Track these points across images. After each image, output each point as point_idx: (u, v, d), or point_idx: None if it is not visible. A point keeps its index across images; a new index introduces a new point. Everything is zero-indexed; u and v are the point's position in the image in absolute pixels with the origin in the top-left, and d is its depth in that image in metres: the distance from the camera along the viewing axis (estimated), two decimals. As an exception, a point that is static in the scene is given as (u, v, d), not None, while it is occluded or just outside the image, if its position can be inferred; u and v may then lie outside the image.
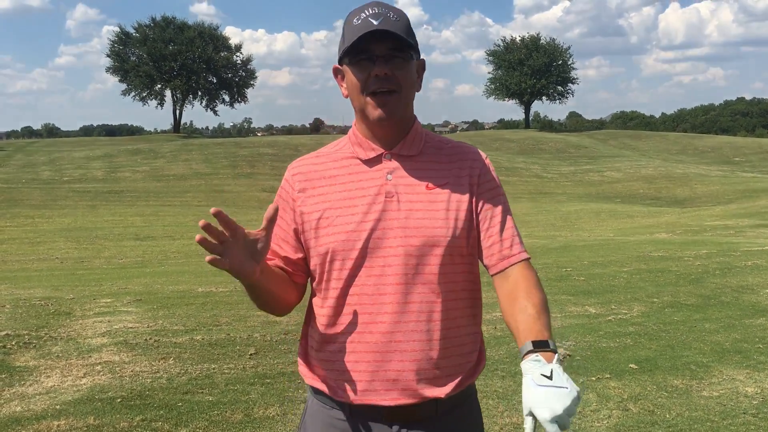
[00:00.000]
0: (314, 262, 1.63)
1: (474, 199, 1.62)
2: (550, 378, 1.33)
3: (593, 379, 4.42)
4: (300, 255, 1.66)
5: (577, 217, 22.42)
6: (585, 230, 17.84)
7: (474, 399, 1.70)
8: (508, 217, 1.66)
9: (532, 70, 67.81)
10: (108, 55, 60.74)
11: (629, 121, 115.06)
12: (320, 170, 1.66)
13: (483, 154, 1.70)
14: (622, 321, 5.91)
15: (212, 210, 1.40)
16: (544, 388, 1.31)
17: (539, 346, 1.42)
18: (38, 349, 5.12)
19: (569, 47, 70.79)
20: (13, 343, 5.21)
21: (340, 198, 1.60)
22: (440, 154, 1.65)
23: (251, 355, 5.04)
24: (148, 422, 3.78)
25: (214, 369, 4.69)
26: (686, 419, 3.80)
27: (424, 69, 1.67)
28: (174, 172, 32.88)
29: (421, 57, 1.64)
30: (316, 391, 1.66)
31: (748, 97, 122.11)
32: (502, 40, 73.23)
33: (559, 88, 70.24)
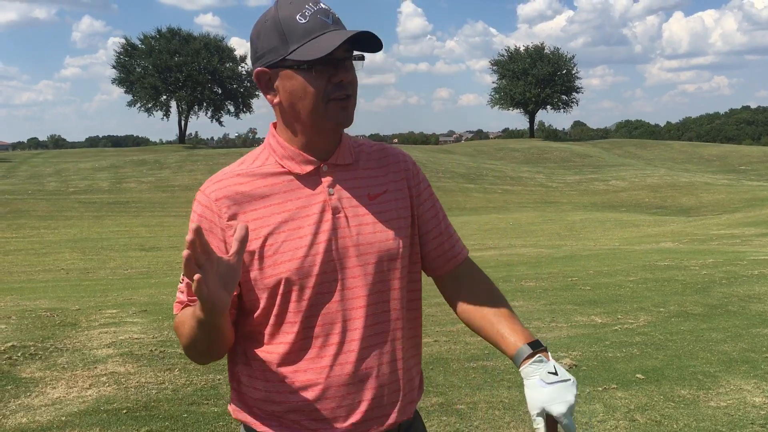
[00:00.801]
0: (256, 296, 1.43)
1: (414, 204, 1.55)
2: (556, 374, 1.39)
3: (600, 389, 4.39)
4: (235, 292, 1.42)
5: (582, 227, 22.38)
6: (590, 239, 17.79)
7: (418, 413, 1.64)
8: (446, 216, 1.63)
9: (536, 79, 67.96)
10: (114, 67, 61.20)
11: (634, 130, 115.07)
12: (247, 191, 1.43)
13: (408, 154, 1.61)
14: (628, 331, 5.88)
15: (192, 225, 1.24)
16: (554, 385, 1.37)
17: (534, 346, 1.44)
18: (44, 360, 5.12)
19: (573, 56, 70.91)
20: (19, 354, 5.22)
21: (282, 220, 1.41)
22: (371, 160, 1.54)
23: (256, 365, 5.02)
24: (153, 433, 3.77)
25: (219, 380, 4.68)
26: (694, 430, 3.77)
27: None
28: (179, 182, 32.99)
29: None
30: None
31: (753, 106, 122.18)
32: (506, 49, 73.59)
33: (564, 97, 70.38)
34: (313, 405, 1.43)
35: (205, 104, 63.64)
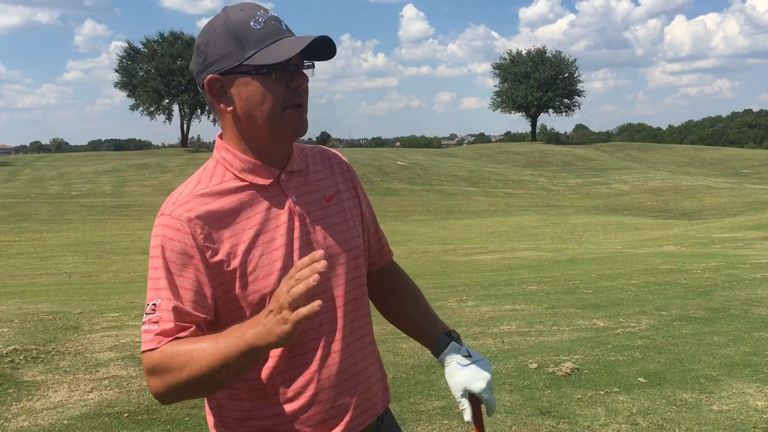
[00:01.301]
0: (239, 315, 1.38)
1: (359, 203, 1.60)
2: (470, 356, 1.58)
3: (602, 393, 4.39)
4: (211, 316, 1.39)
5: (584, 230, 22.38)
6: (592, 243, 17.78)
7: None
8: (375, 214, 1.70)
9: (538, 82, 68.04)
10: (116, 70, 61.41)
11: (636, 134, 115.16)
12: (216, 209, 1.39)
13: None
14: (630, 334, 5.87)
15: (320, 252, 1.21)
16: (470, 366, 1.56)
17: (450, 336, 1.63)
18: (46, 363, 5.12)
19: (575, 60, 71.12)
20: (21, 357, 5.23)
21: (254, 234, 1.39)
22: (316, 163, 1.56)
23: (258, 369, 5.03)
24: (155, 437, 3.77)
25: (221, 383, 4.69)
26: (696, 434, 3.76)
27: None
28: (181, 186, 33.01)
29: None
30: None
31: (755, 109, 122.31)
32: (508, 53, 73.70)
33: (566, 100, 70.52)
34: (306, 412, 1.44)
35: (207, 108, 63.70)
